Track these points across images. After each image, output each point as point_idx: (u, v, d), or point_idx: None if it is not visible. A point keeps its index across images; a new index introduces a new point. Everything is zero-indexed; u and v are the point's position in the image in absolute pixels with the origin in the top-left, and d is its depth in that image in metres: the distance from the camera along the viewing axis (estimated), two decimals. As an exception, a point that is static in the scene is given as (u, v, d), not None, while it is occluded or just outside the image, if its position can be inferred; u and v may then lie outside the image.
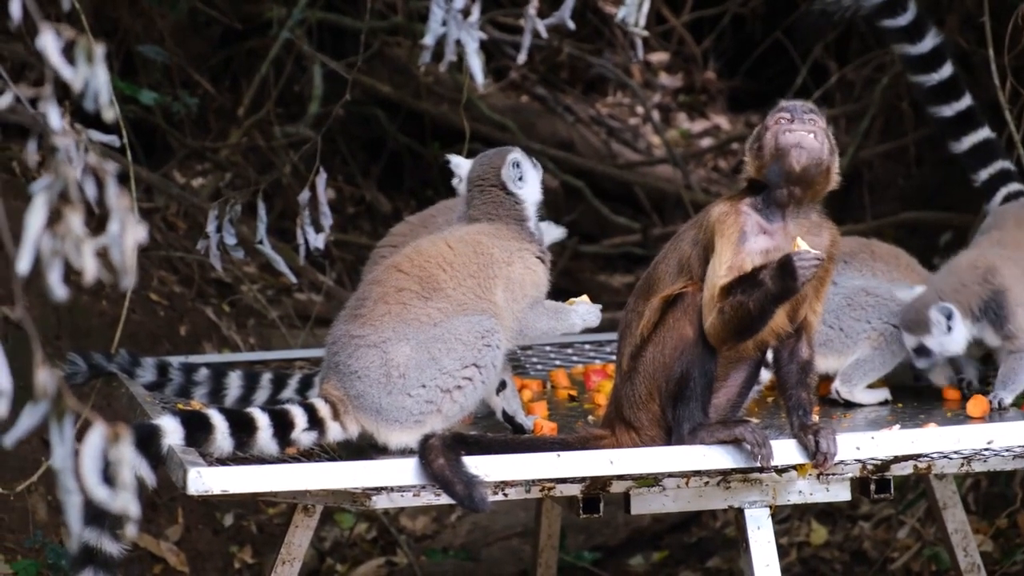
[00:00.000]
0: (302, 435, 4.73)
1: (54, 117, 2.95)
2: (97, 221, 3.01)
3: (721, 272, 4.52)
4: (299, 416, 4.72)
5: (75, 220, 2.85)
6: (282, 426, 4.68)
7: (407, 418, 4.80)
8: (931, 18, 5.75)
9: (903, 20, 5.72)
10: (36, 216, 2.86)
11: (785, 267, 4.43)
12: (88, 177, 2.93)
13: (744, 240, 4.55)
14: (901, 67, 9.58)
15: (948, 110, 5.87)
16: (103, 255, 2.89)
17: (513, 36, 11.50)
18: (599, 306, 5.18)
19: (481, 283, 4.96)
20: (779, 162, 4.55)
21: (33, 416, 2.86)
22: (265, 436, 4.64)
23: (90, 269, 2.85)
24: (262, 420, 4.64)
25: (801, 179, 4.56)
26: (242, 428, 4.61)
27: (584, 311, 5.13)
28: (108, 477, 4.37)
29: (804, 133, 4.55)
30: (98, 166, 2.87)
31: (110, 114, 2.96)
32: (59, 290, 2.86)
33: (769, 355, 4.82)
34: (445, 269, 4.95)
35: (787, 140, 4.55)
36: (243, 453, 4.65)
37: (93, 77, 2.94)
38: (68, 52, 2.96)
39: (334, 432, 4.79)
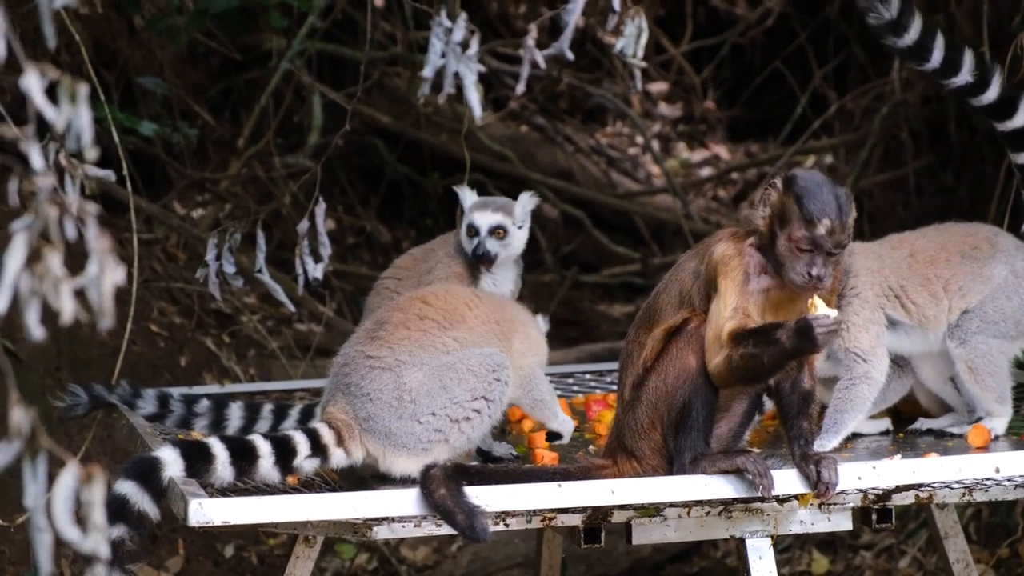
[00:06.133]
0: (304, 462, 4.72)
1: (36, 157, 2.93)
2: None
3: (727, 314, 4.52)
4: (302, 443, 4.71)
5: (54, 260, 2.83)
6: (284, 453, 4.66)
7: (415, 445, 4.80)
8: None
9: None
10: (15, 255, 2.84)
11: (804, 332, 4.40)
12: (70, 217, 2.90)
13: (747, 281, 4.55)
14: (901, 96, 9.61)
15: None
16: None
17: (513, 66, 11.51)
18: (574, 425, 5.43)
19: (503, 328, 5.09)
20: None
21: (6, 454, 2.84)
22: (267, 464, 4.63)
23: (68, 310, 2.83)
24: (264, 448, 4.63)
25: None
26: (243, 456, 4.60)
27: (565, 419, 5.37)
28: (116, 514, 4.39)
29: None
30: (80, 207, 2.85)
31: (92, 154, 2.95)
32: (36, 330, 2.84)
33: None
34: (471, 308, 5.06)
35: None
36: (244, 483, 4.65)
37: (76, 117, 2.93)
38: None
39: (337, 459, 4.79)
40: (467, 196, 5.66)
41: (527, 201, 5.67)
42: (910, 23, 5.54)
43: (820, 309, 4.47)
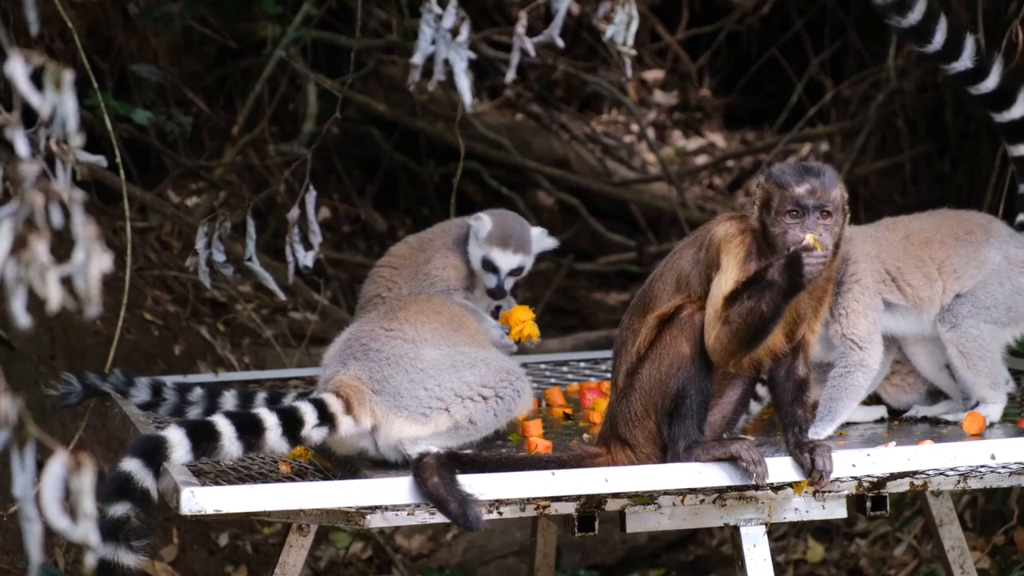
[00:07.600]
0: (313, 432, 4.71)
1: (21, 144, 2.91)
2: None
3: (726, 289, 4.51)
4: (308, 413, 4.71)
5: (40, 247, 2.82)
6: (291, 424, 4.66)
7: (416, 407, 4.83)
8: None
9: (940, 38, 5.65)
10: (1, 243, 2.82)
11: (793, 262, 4.43)
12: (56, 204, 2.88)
13: (749, 259, 4.54)
14: (897, 84, 9.60)
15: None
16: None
17: (507, 54, 11.49)
18: None
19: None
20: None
21: None
22: (274, 436, 4.62)
23: (54, 297, 2.82)
24: (269, 420, 4.62)
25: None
26: (250, 430, 4.59)
27: None
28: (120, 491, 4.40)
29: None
30: (65, 194, 2.83)
31: (77, 140, 2.93)
32: (23, 318, 2.83)
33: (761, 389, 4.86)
34: (470, 321, 5.30)
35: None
36: (254, 455, 4.69)
37: (61, 103, 2.91)
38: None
39: (346, 427, 4.79)
40: (483, 226, 5.65)
41: (546, 243, 5.76)
42: (915, 2, 5.51)
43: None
